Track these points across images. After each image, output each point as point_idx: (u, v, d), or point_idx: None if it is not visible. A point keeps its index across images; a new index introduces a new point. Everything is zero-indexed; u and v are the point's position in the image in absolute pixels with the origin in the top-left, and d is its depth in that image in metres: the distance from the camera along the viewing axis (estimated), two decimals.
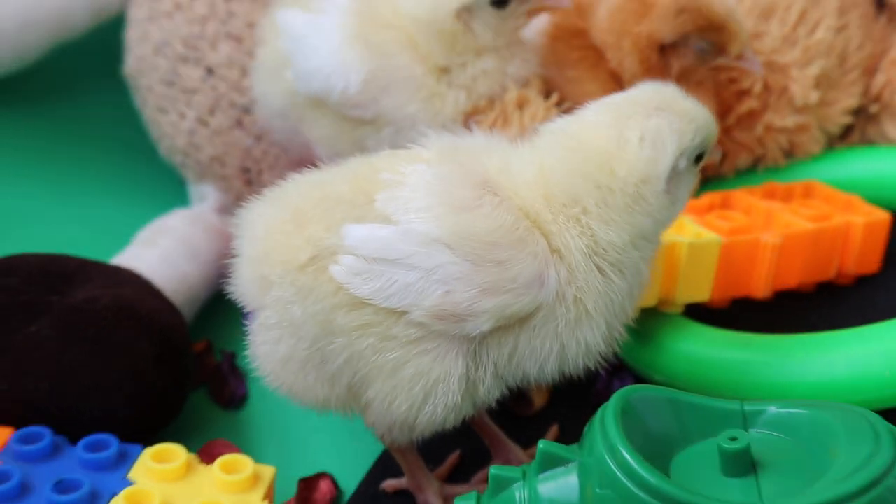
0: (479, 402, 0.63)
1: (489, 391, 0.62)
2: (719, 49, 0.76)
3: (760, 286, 0.76)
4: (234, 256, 0.64)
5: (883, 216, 0.80)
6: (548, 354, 0.61)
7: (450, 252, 0.58)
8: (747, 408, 0.61)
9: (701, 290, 0.74)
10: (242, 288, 0.63)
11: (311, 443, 0.76)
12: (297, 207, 0.61)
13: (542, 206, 0.60)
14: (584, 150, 0.61)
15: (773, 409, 0.61)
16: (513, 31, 0.76)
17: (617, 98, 0.64)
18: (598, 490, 0.56)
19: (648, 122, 0.61)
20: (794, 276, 0.78)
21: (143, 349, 0.70)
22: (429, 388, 0.60)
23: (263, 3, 0.89)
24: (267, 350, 0.63)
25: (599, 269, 0.61)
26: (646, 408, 0.60)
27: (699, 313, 0.76)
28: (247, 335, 0.79)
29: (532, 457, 0.63)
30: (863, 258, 0.80)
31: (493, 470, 0.60)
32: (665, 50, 0.76)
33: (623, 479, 0.55)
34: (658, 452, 0.59)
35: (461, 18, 0.74)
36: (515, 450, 0.70)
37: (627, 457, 0.55)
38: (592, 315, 0.61)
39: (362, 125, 0.77)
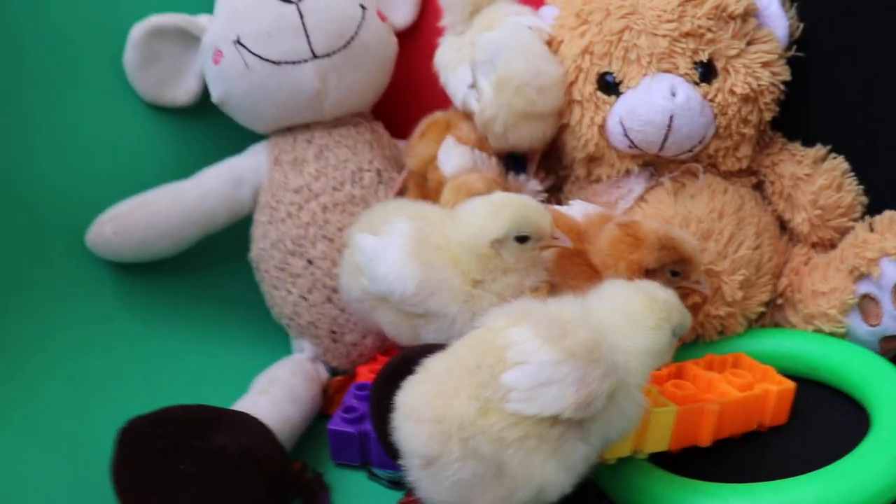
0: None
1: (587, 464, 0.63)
2: (684, 275, 0.76)
3: (705, 438, 0.74)
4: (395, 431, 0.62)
5: (789, 385, 0.78)
6: (622, 420, 0.63)
7: (568, 365, 0.59)
8: None
9: (662, 443, 0.72)
10: (419, 446, 0.60)
11: None
12: (447, 380, 0.61)
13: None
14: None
15: None
16: (529, 258, 0.74)
17: None
18: None
19: None
20: (728, 430, 0.76)
21: (258, 485, 0.68)
22: (570, 469, 0.61)
23: (350, 213, 0.88)
24: (444, 484, 0.60)
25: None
26: None
27: (660, 457, 0.73)
28: (333, 456, 0.79)
29: None
30: (776, 415, 0.78)
31: None
32: (648, 272, 0.75)
33: None
34: None
35: (494, 247, 0.73)
36: None
37: None
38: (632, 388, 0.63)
39: (416, 317, 0.76)
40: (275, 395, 0.81)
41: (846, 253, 0.85)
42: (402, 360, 0.72)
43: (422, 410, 0.60)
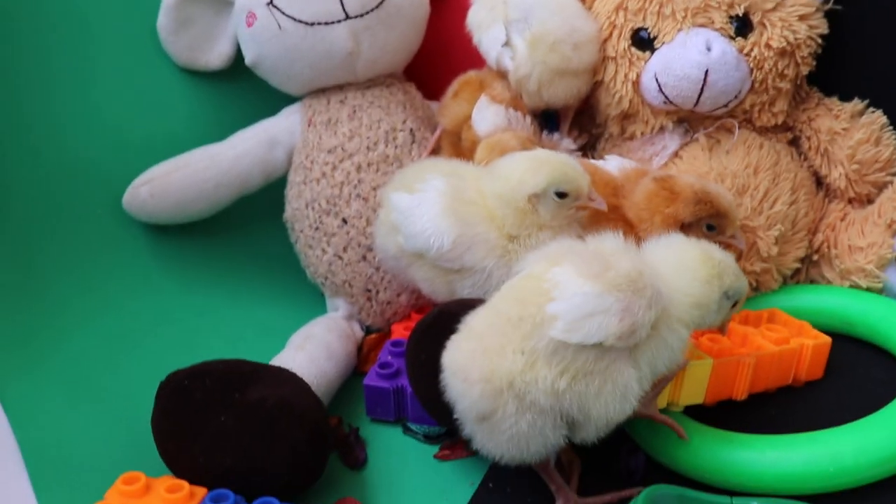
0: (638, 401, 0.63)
1: (643, 390, 0.63)
2: (720, 229, 0.75)
3: (740, 391, 0.74)
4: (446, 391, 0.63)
5: (825, 339, 0.78)
6: (666, 350, 0.63)
7: (612, 296, 0.59)
8: (735, 501, 0.59)
9: (697, 396, 0.72)
10: (471, 405, 0.61)
11: (412, 499, 0.73)
12: (490, 336, 0.61)
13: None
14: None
15: None
16: (565, 215, 0.74)
17: None
18: None
19: None
20: (763, 384, 0.76)
21: (297, 437, 0.68)
22: (624, 392, 0.61)
23: (384, 173, 0.88)
24: (501, 437, 0.61)
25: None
26: (662, 502, 0.58)
27: (696, 411, 0.73)
28: (368, 411, 0.80)
29: None
30: (811, 369, 0.78)
31: None
32: (684, 226, 0.74)
33: None
34: None
35: (531, 201, 0.73)
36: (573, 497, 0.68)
37: None
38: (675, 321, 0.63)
39: (452, 273, 0.76)
40: (311, 351, 0.82)
41: (884, 207, 0.84)
42: (438, 315, 0.72)
43: (469, 370, 0.61)
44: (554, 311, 0.60)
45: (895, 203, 0.82)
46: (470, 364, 0.61)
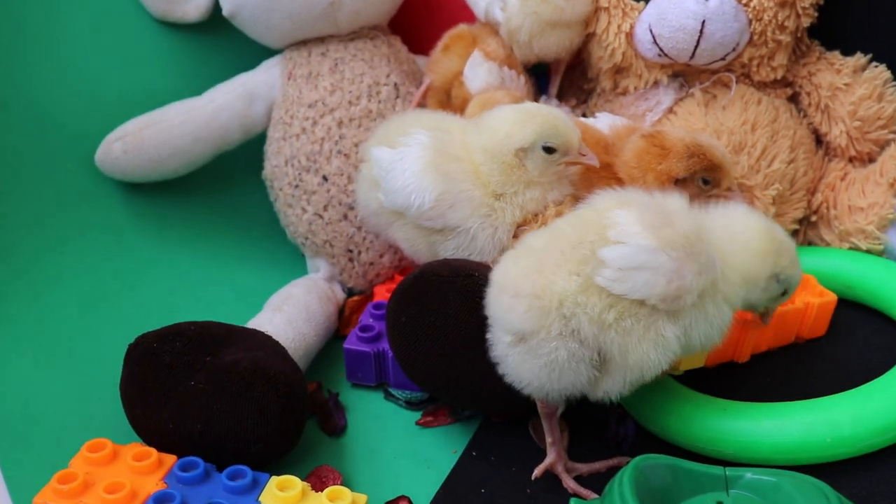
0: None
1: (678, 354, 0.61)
2: (715, 183, 0.72)
3: (744, 353, 0.72)
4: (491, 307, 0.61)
5: (831, 297, 0.76)
6: (706, 324, 0.60)
7: (665, 254, 0.58)
8: (729, 473, 0.56)
9: (699, 359, 0.70)
10: (515, 321, 0.59)
11: (392, 466, 0.70)
12: (547, 254, 0.60)
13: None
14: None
15: (749, 475, 0.56)
16: (554, 171, 0.71)
17: None
18: None
19: None
20: (766, 345, 0.74)
21: (271, 401, 0.65)
22: (665, 346, 0.59)
23: (366, 128, 0.85)
24: (536, 363, 0.59)
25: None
26: (652, 472, 0.56)
27: (691, 378, 0.71)
28: (348, 376, 0.77)
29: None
30: (815, 327, 0.76)
31: None
32: (677, 182, 0.71)
33: None
34: None
35: (518, 156, 0.70)
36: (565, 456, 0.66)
37: None
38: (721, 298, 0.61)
39: (434, 233, 0.73)
40: (289, 313, 0.79)
41: (886, 165, 0.81)
42: (419, 276, 0.70)
43: (521, 284, 0.59)
44: (604, 257, 0.58)
45: None
46: (522, 279, 0.59)
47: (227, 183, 0.94)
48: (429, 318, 0.67)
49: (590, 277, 0.58)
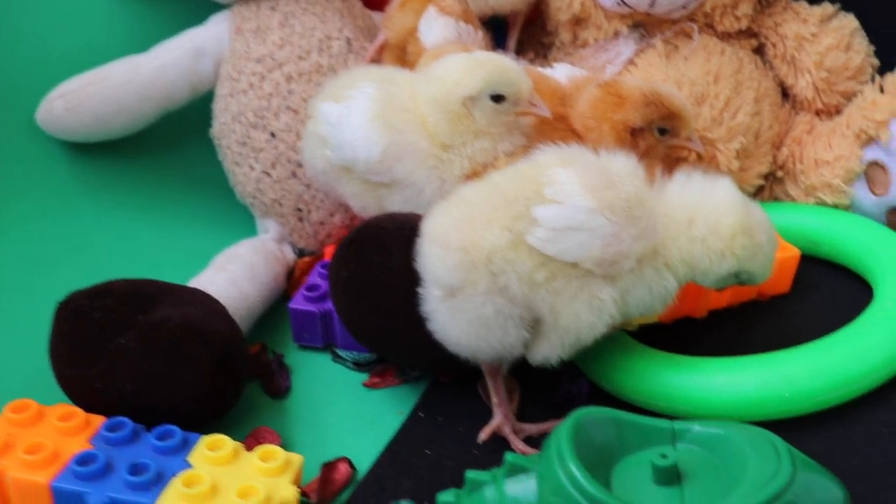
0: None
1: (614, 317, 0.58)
2: (674, 132, 0.69)
3: (699, 309, 0.70)
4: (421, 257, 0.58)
5: (794, 252, 0.73)
6: (643, 290, 0.58)
7: (603, 217, 0.56)
8: (676, 426, 0.54)
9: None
10: (443, 274, 0.57)
11: (336, 428, 0.67)
12: (480, 208, 0.57)
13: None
14: None
15: (696, 428, 0.53)
16: (504, 122, 0.68)
17: None
18: (551, 498, 0.49)
19: None
20: (725, 300, 0.71)
21: (205, 359, 0.62)
22: (600, 308, 0.57)
23: (315, 83, 0.82)
24: (463, 318, 0.57)
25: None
26: (594, 426, 0.53)
27: (648, 333, 0.68)
28: (295, 337, 0.74)
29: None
30: (777, 283, 0.73)
31: (469, 474, 0.53)
32: (634, 132, 0.68)
33: (571, 489, 0.48)
34: (602, 461, 0.52)
35: (466, 105, 0.67)
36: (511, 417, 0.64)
37: (575, 471, 0.48)
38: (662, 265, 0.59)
39: (381, 187, 0.70)
40: (233, 272, 0.76)
41: (853, 116, 0.78)
42: (362, 230, 0.67)
43: (450, 236, 0.57)
44: (537, 216, 0.56)
45: (864, 112, 0.76)
46: (452, 231, 0.57)
47: (177, 143, 0.91)
48: (372, 273, 0.64)
49: (521, 235, 0.56)
